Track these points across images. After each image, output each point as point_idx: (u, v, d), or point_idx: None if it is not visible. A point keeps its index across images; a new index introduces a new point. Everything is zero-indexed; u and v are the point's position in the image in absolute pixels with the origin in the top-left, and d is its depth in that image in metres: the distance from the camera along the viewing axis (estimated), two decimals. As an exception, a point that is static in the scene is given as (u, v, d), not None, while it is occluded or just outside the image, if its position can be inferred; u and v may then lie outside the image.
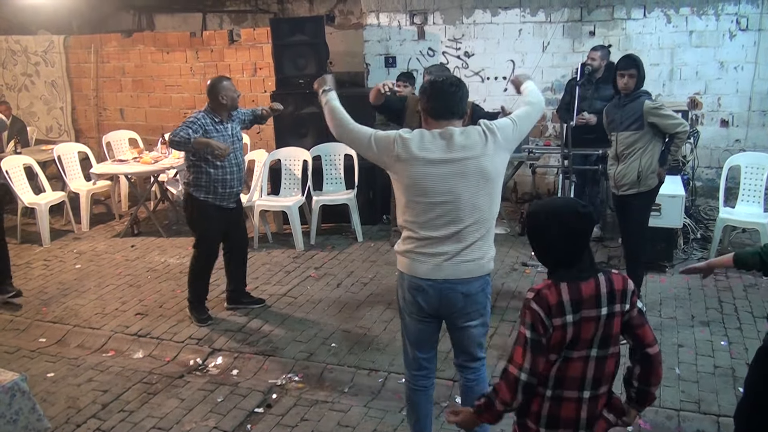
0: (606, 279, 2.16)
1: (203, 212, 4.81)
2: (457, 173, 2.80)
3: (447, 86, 2.91)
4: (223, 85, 4.71)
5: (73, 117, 9.55)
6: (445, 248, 2.85)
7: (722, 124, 6.85)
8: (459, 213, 2.82)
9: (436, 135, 2.85)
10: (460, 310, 2.93)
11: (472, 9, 7.36)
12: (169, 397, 4.11)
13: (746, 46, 6.59)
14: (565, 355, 2.16)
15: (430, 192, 2.82)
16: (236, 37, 8.47)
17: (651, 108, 4.47)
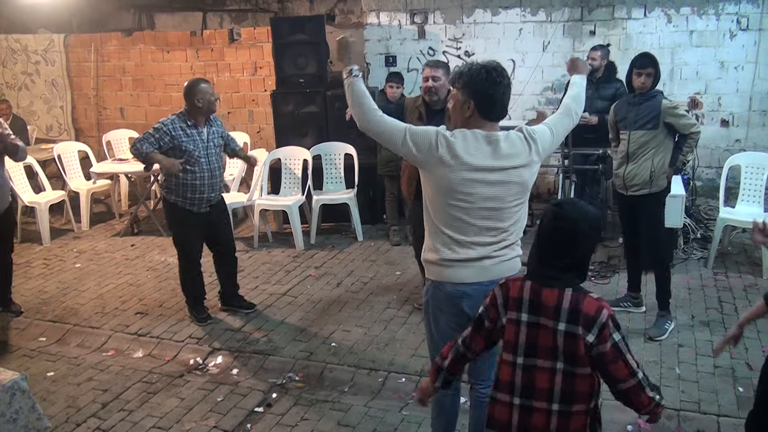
0: (572, 296, 2.10)
1: (176, 214, 4.80)
2: (502, 181, 2.73)
3: (506, 80, 2.71)
4: (200, 87, 4.59)
5: (73, 116, 9.54)
6: (486, 251, 2.78)
7: (722, 123, 6.84)
8: (500, 219, 2.78)
9: (480, 139, 2.71)
10: None
11: (472, 8, 7.36)
12: (169, 396, 4.11)
13: (747, 45, 6.58)
14: (529, 363, 2.16)
15: (475, 198, 2.71)
16: (236, 36, 8.46)
17: (668, 107, 4.43)
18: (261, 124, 8.48)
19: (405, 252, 6.38)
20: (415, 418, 3.74)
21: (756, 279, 5.38)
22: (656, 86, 4.51)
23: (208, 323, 4.97)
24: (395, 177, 6.45)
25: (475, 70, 2.71)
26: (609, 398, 3.86)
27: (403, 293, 5.41)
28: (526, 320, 2.16)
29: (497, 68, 2.72)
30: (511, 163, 2.73)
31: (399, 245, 6.56)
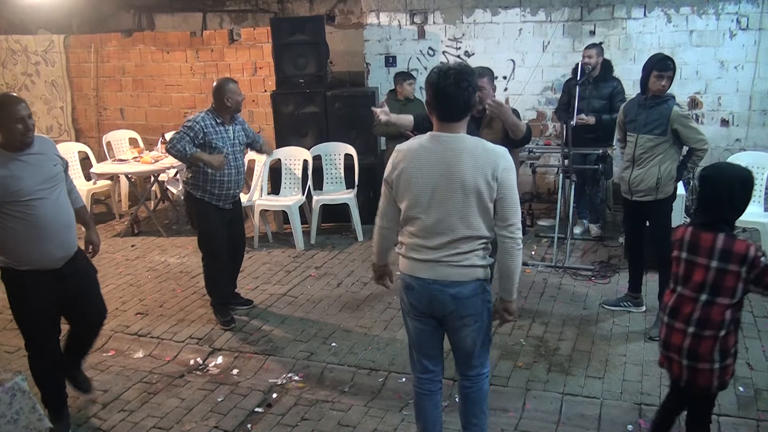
0: (724, 239, 2.70)
1: (201, 209, 4.82)
2: (441, 178, 2.80)
3: (451, 89, 2.75)
4: (228, 87, 4.69)
5: (73, 116, 9.55)
6: (434, 254, 2.87)
7: (722, 123, 6.84)
8: (447, 219, 2.83)
9: (430, 138, 2.85)
10: (451, 312, 2.92)
11: (472, 8, 7.36)
12: (170, 396, 4.11)
13: (746, 45, 6.58)
14: (680, 292, 2.82)
15: (416, 198, 2.85)
16: (236, 36, 8.46)
17: (679, 115, 4.35)
18: (261, 125, 8.48)
19: (405, 252, 6.38)
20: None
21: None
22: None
23: (232, 327, 4.92)
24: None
25: (432, 74, 2.82)
26: (609, 398, 3.89)
27: (404, 293, 5.41)
28: (684, 257, 2.81)
29: (453, 75, 2.74)
30: (454, 163, 2.76)
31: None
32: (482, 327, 2.98)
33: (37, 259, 3.43)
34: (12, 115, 3.32)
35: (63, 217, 3.51)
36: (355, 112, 7.11)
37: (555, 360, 4.28)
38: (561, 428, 3.64)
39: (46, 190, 3.41)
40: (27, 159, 3.39)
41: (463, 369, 3.10)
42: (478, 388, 3.11)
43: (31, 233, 3.36)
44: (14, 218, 3.33)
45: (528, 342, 4.53)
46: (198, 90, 8.70)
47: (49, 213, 3.42)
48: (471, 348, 3.00)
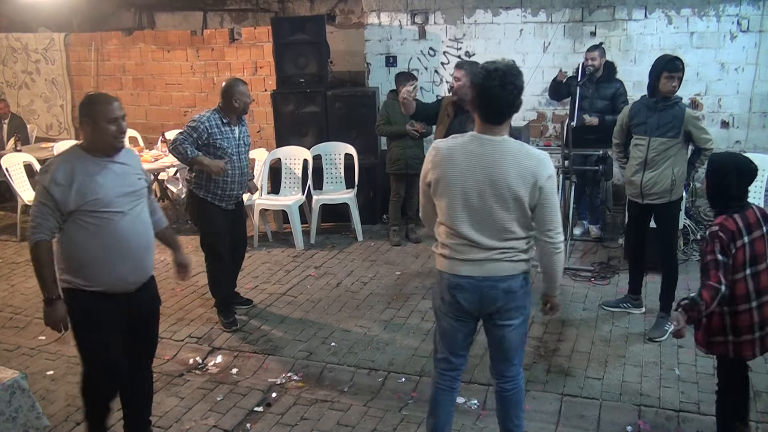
0: (757, 208, 3.11)
1: (204, 209, 4.80)
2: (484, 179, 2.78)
3: (499, 90, 2.71)
4: (238, 89, 4.66)
5: (73, 115, 9.54)
6: (487, 254, 2.85)
7: (723, 125, 6.84)
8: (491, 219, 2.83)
9: (473, 139, 2.82)
10: (501, 307, 2.91)
11: (473, 9, 7.36)
12: (169, 395, 4.11)
13: (747, 47, 6.58)
14: (754, 270, 2.99)
15: (466, 197, 2.82)
16: (237, 35, 8.46)
17: (692, 116, 4.34)
18: (261, 124, 8.48)
19: (405, 252, 6.39)
20: (415, 419, 3.74)
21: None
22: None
23: (233, 330, 4.89)
24: (403, 176, 6.46)
25: (480, 69, 2.79)
26: (608, 399, 3.88)
27: (403, 293, 5.41)
28: (747, 240, 3.00)
29: (504, 76, 2.71)
30: (498, 164, 2.75)
31: (399, 245, 6.56)
32: (525, 321, 3.01)
33: (111, 281, 3.05)
34: (105, 114, 3.03)
35: (143, 236, 3.15)
36: (356, 111, 7.12)
37: (554, 361, 4.28)
38: (560, 429, 3.64)
39: (128, 204, 3.06)
40: (112, 166, 3.08)
41: (503, 370, 3.08)
42: (518, 388, 3.12)
43: (106, 250, 2.99)
44: (88, 231, 2.96)
45: (527, 343, 4.52)
46: (198, 89, 8.69)
47: (129, 230, 3.05)
48: (513, 343, 3.01)
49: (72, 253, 3.01)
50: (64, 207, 2.91)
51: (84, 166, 2.98)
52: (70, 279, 3.04)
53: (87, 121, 3.04)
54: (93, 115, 3.02)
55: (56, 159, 3.04)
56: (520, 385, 3.13)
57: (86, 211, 2.94)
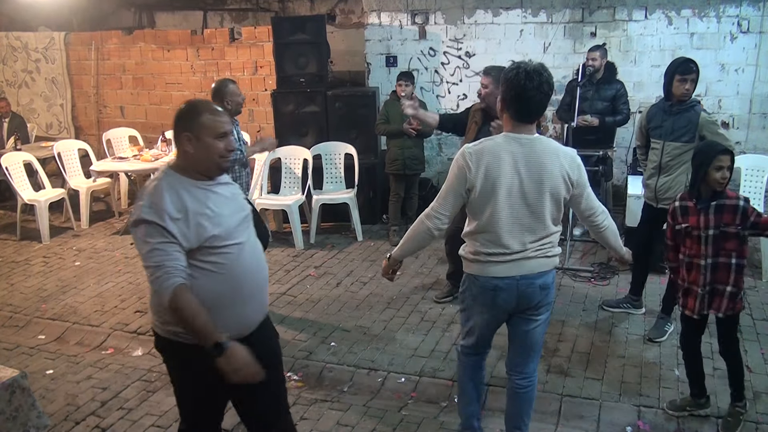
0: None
1: None
2: (532, 181, 2.83)
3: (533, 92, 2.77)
4: (228, 89, 4.60)
5: (73, 114, 9.54)
6: (522, 252, 2.90)
7: (723, 126, 6.83)
8: (532, 221, 2.88)
9: (510, 140, 2.84)
10: (537, 303, 2.98)
11: (473, 9, 7.36)
12: (168, 395, 4.10)
13: (747, 48, 6.59)
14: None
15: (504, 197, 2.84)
16: (237, 35, 8.46)
17: (708, 121, 4.29)
18: (261, 124, 8.48)
19: (405, 252, 6.37)
20: (414, 419, 3.74)
21: (755, 281, 5.39)
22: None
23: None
24: (401, 176, 6.47)
25: (510, 69, 2.83)
26: (608, 399, 3.88)
27: (403, 293, 5.41)
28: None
29: (534, 70, 2.76)
30: (542, 162, 2.81)
31: (399, 245, 6.55)
32: (549, 316, 3.09)
33: (234, 325, 2.51)
34: (214, 128, 2.47)
35: (262, 265, 2.67)
36: (356, 111, 7.12)
37: (554, 361, 4.27)
38: (560, 429, 3.64)
39: (245, 232, 2.60)
40: (219, 189, 2.55)
41: (521, 366, 3.12)
42: (533, 386, 3.17)
43: (232, 290, 2.49)
44: (209, 271, 2.44)
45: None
46: (198, 88, 8.69)
47: (250, 261, 2.58)
48: (538, 338, 3.08)
49: None
50: (185, 245, 2.37)
51: (190, 193, 2.44)
52: (175, 330, 2.48)
53: (188, 137, 2.46)
54: (197, 129, 2.45)
55: (155, 187, 2.44)
56: (535, 383, 3.17)
57: (206, 248, 2.42)
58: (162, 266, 2.32)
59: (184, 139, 2.47)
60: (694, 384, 3.66)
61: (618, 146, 6.82)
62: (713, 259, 3.35)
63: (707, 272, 3.37)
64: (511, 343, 3.15)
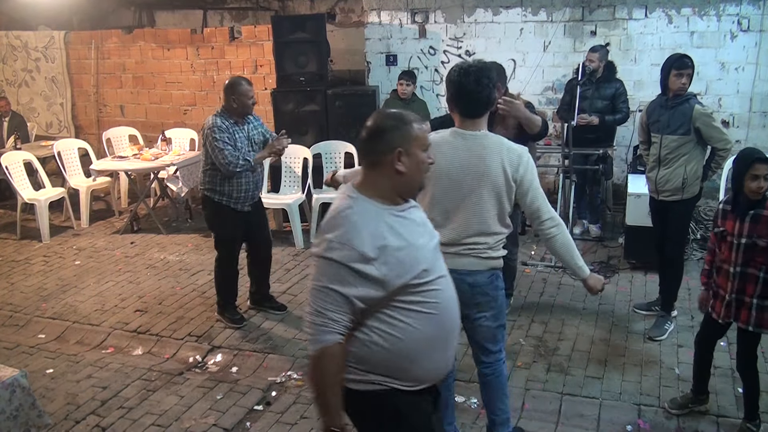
0: None
1: (219, 214, 4.73)
2: (468, 169, 2.87)
3: (472, 86, 2.85)
4: (239, 88, 4.53)
5: (73, 113, 9.53)
6: (453, 247, 2.93)
7: (723, 125, 6.82)
8: (467, 209, 2.92)
9: (455, 133, 2.91)
10: (468, 301, 2.96)
11: (473, 8, 7.35)
12: (169, 394, 4.11)
13: (747, 47, 6.58)
14: None
15: (438, 189, 2.89)
16: (237, 34, 8.46)
17: (701, 113, 4.30)
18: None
19: (405, 251, 6.37)
20: (415, 417, 3.73)
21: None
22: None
23: (242, 325, 4.88)
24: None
25: (452, 72, 2.92)
26: (608, 398, 3.88)
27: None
28: None
29: (473, 73, 2.85)
30: (481, 156, 2.86)
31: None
32: (497, 314, 3.11)
33: (436, 369, 2.23)
34: (424, 139, 2.17)
35: (456, 298, 2.31)
36: (356, 110, 7.10)
37: (554, 360, 4.28)
38: (560, 428, 3.64)
39: (441, 262, 2.27)
40: (412, 215, 2.20)
41: (481, 356, 3.20)
42: (498, 372, 3.21)
43: (439, 333, 2.18)
44: (413, 313, 2.11)
45: (527, 342, 4.53)
46: (198, 87, 8.69)
47: (452, 295, 2.27)
48: (486, 334, 3.12)
49: (396, 348, 2.11)
50: (385, 288, 2.04)
51: (388, 223, 2.08)
52: (384, 380, 2.15)
53: (401, 153, 2.10)
54: (409, 143, 2.12)
55: (345, 218, 2.07)
56: (499, 370, 3.21)
57: (411, 286, 2.08)
58: (324, 314, 2.04)
59: (396, 157, 2.08)
60: (698, 382, 3.66)
61: (618, 145, 6.82)
62: (742, 268, 3.26)
63: (735, 280, 3.29)
64: (467, 337, 3.22)
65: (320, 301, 2.06)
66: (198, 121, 8.13)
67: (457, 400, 3.75)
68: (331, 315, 2.03)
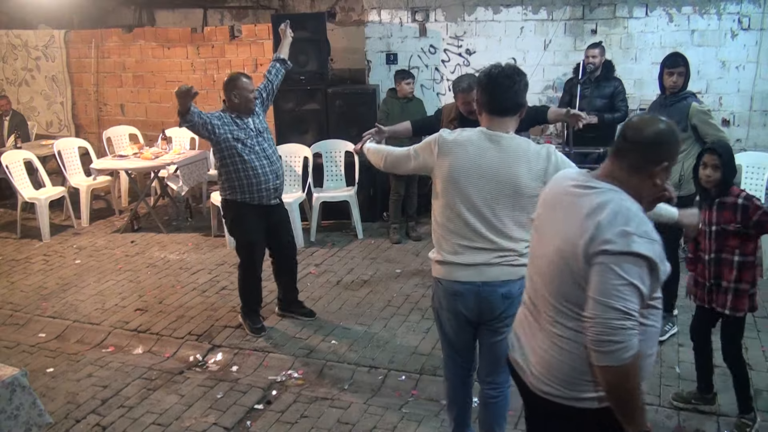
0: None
1: (241, 216, 4.59)
2: (495, 179, 2.73)
3: (509, 80, 2.77)
4: (238, 83, 4.44)
5: (73, 112, 9.53)
6: (483, 256, 2.79)
7: (723, 123, 6.82)
8: (493, 222, 2.76)
9: (482, 136, 2.77)
10: (501, 314, 2.84)
11: (473, 6, 7.35)
12: (169, 393, 4.11)
13: (748, 45, 6.57)
14: None
15: (470, 192, 2.76)
16: (237, 33, 8.45)
17: (698, 110, 4.32)
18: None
19: (405, 250, 6.38)
20: (415, 416, 3.74)
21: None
22: (687, 86, 4.42)
23: (262, 335, 4.74)
24: (401, 176, 6.46)
25: (483, 70, 2.84)
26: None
27: (404, 291, 5.41)
28: None
29: (505, 68, 2.80)
30: (508, 163, 2.72)
31: (399, 243, 6.56)
32: None
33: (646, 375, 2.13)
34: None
35: None
36: (356, 109, 7.11)
37: (555, 359, 4.27)
38: (560, 427, 3.63)
39: None
40: None
41: (492, 376, 3.03)
42: (504, 396, 3.07)
43: (650, 347, 2.07)
44: (653, 310, 2.04)
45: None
46: (198, 86, 8.63)
47: None
48: (506, 350, 2.89)
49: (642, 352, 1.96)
50: (654, 288, 1.98)
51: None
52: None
53: (666, 168, 2.07)
54: (671, 164, 2.09)
55: (636, 213, 1.96)
56: (506, 393, 3.07)
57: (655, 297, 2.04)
58: (632, 317, 1.84)
59: (662, 171, 2.04)
60: (701, 378, 3.67)
61: (618, 143, 6.81)
62: (716, 254, 3.40)
63: (711, 266, 3.43)
64: (480, 354, 3.05)
65: (628, 301, 1.84)
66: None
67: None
68: (637, 317, 1.87)
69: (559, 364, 2.04)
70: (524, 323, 2.24)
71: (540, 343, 2.11)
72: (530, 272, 2.23)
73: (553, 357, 2.05)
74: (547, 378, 2.08)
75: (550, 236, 2.10)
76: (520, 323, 2.28)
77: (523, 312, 2.27)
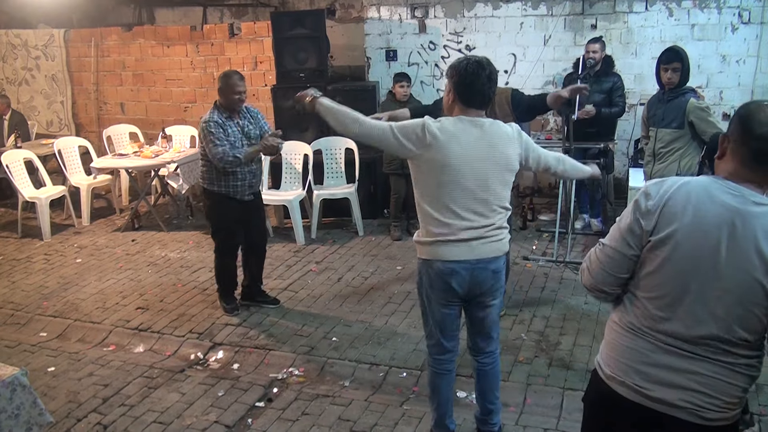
0: None
1: (217, 203, 4.82)
2: (488, 159, 2.91)
3: (486, 72, 2.92)
4: (228, 81, 4.64)
5: (73, 111, 9.53)
6: (476, 232, 2.95)
7: (724, 117, 6.80)
8: (487, 200, 2.94)
9: (466, 122, 2.92)
10: (489, 288, 3.05)
11: (473, 2, 7.33)
12: (170, 391, 4.11)
13: (748, 39, 6.55)
14: None
15: (463, 176, 2.89)
16: (237, 30, 8.44)
17: (696, 107, 4.31)
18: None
19: (406, 247, 6.38)
20: (416, 413, 3.74)
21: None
22: (686, 82, 4.40)
23: (235, 314, 5.01)
24: (400, 175, 6.46)
25: (459, 61, 2.97)
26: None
27: (404, 288, 5.41)
28: None
29: (481, 61, 2.94)
30: (497, 145, 2.93)
31: (400, 240, 6.55)
32: (502, 298, 3.23)
33: None
34: None
35: None
36: (356, 106, 6.96)
37: (556, 355, 4.27)
38: (562, 423, 3.63)
39: None
40: None
41: (483, 346, 3.24)
42: (497, 362, 3.30)
43: None
44: None
45: (529, 337, 4.52)
46: (198, 84, 8.68)
47: None
48: (494, 320, 3.20)
49: None
50: None
51: None
52: None
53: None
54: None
55: None
56: (498, 360, 3.31)
57: None
58: None
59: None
60: None
61: (619, 139, 6.81)
62: None
63: None
64: (469, 327, 3.26)
65: None
66: (198, 118, 8.10)
67: (458, 396, 3.75)
68: None
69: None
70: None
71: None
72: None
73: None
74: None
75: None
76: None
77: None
